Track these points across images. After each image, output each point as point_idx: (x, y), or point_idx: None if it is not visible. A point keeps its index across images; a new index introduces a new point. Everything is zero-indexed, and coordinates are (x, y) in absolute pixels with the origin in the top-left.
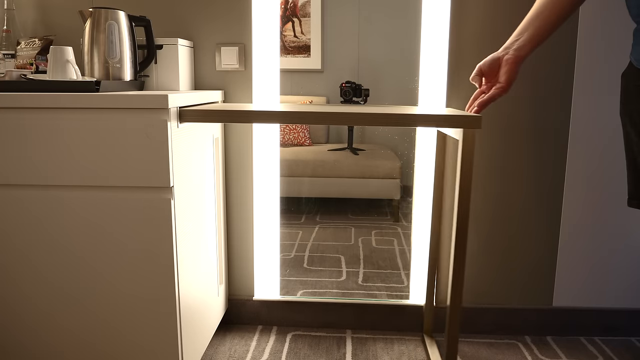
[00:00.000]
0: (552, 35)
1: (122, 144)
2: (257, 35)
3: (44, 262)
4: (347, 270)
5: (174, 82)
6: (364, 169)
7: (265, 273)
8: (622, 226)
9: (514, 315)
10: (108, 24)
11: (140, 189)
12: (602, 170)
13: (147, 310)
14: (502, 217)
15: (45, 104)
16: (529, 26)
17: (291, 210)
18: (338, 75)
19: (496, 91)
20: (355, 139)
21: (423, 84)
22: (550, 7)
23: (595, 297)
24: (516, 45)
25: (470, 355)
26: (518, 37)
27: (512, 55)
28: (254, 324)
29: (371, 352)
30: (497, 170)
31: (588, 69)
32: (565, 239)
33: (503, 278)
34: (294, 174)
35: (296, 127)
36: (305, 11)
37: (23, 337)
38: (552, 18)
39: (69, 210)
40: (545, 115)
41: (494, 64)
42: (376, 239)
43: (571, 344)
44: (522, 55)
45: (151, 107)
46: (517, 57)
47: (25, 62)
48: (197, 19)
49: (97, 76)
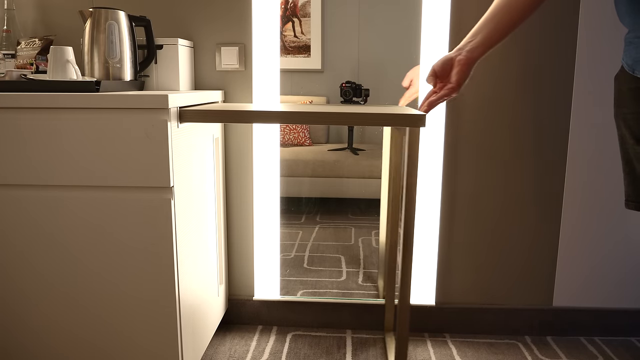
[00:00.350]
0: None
1: (122, 144)
2: (257, 35)
3: (43, 262)
4: (347, 270)
5: (174, 82)
6: (364, 169)
7: (265, 273)
8: (622, 226)
9: (514, 315)
10: (108, 24)
11: (140, 189)
12: (602, 170)
13: (147, 310)
14: (502, 217)
15: (45, 104)
16: (483, 28)
17: (291, 210)
18: (338, 75)
19: (445, 91)
20: (356, 139)
21: (423, 84)
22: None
23: (595, 297)
24: (469, 46)
25: (470, 355)
26: (472, 38)
27: (464, 56)
28: (254, 324)
29: (371, 352)
30: (497, 170)
31: (588, 69)
32: (565, 239)
33: (503, 278)
34: (294, 174)
35: (296, 127)
36: (305, 11)
37: (23, 337)
38: (504, 23)
39: (69, 210)
40: (545, 115)
41: (447, 64)
42: (376, 239)
43: (571, 344)
44: (474, 57)
45: (151, 107)
46: (469, 59)
47: (26, 62)
48: (197, 19)
49: (97, 76)
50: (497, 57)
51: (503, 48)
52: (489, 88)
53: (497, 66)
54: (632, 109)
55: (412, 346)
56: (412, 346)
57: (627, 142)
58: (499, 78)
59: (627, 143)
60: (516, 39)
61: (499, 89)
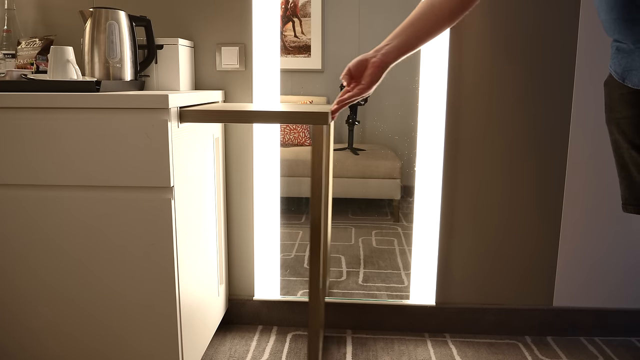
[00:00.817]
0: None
1: (122, 144)
2: (258, 35)
3: (42, 263)
4: (347, 270)
5: (174, 82)
6: (365, 169)
7: (265, 273)
8: (622, 226)
9: (514, 315)
10: (108, 23)
11: (140, 189)
12: (602, 170)
13: (147, 310)
14: (503, 217)
15: (45, 104)
16: (401, 34)
17: (291, 210)
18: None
19: (355, 91)
20: (356, 139)
21: (423, 84)
22: (422, 19)
23: (595, 297)
24: (384, 50)
25: (470, 355)
26: (389, 42)
27: (379, 59)
28: (254, 324)
29: (371, 352)
30: (498, 170)
31: (588, 69)
32: (565, 239)
33: (503, 278)
34: (294, 174)
35: (296, 127)
36: (306, 11)
37: (22, 338)
38: (422, 31)
39: (69, 210)
40: (545, 115)
41: (361, 65)
42: (376, 239)
43: (571, 344)
44: (388, 61)
45: (152, 107)
46: (383, 62)
47: (26, 62)
48: (197, 18)
49: (97, 76)
50: (497, 57)
51: (503, 48)
52: (489, 88)
53: (497, 67)
54: (624, 113)
55: (412, 346)
56: (412, 346)
57: (622, 147)
58: (499, 78)
59: (621, 148)
60: (516, 40)
61: (499, 89)
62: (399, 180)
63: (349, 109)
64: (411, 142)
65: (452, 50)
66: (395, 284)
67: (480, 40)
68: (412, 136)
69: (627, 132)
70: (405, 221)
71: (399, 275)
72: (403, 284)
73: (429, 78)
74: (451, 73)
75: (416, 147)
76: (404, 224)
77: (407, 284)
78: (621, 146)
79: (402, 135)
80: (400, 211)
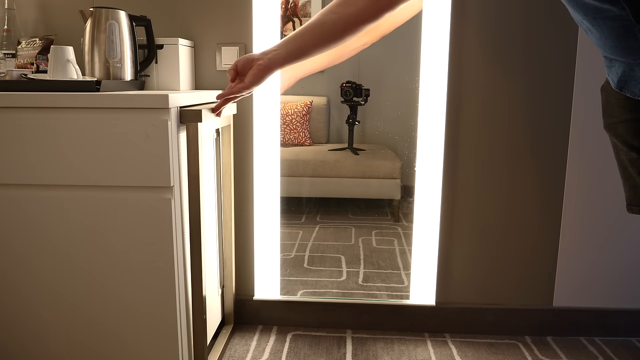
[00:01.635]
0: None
1: (122, 144)
2: (258, 35)
3: (42, 263)
4: (348, 270)
5: (174, 82)
6: (365, 169)
7: (265, 273)
8: (622, 226)
9: (514, 315)
10: (109, 23)
11: (141, 189)
12: (602, 170)
13: (146, 310)
14: (502, 217)
15: (45, 104)
16: (289, 43)
17: (291, 210)
18: (338, 75)
19: (235, 88)
20: (356, 139)
21: (423, 84)
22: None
23: (595, 297)
24: (271, 55)
25: (470, 355)
26: (277, 48)
27: (264, 63)
28: (254, 324)
29: (371, 352)
30: (498, 170)
31: (588, 70)
32: (565, 239)
33: (503, 278)
34: (294, 174)
35: (296, 127)
36: (306, 11)
37: (21, 338)
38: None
39: (68, 210)
40: (545, 117)
41: (247, 64)
42: (376, 239)
43: (571, 344)
44: (272, 67)
45: (152, 107)
46: (267, 67)
47: (26, 62)
48: (197, 18)
49: (97, 76)
50: (498, 57)
51: (503, 49)
52: (490, 88)
53: (497, 67)
54: (621, 117)
55: (412, 346)
56: (412, 346)
57: (621, 150)
58: (500, 79)
59: (620, 151)
60: (516, 41)
61: (499, 89)
62: (399, 180)
63: (349, 109)
64: (411, 142)
65: (452, 50)
66: (395, 284)
67: (480, 40)
68: (412, 136)
69: (624, 136)
70: (405, 221)
71: (399, 275)
72: (403, 284)
73: (429, 78)
74: (451, 73)
75: (416, 147)
76: (404, 224)
77: (407, 284)
78: (620, 149)
79: (402, 135)
80: (400, 211)
